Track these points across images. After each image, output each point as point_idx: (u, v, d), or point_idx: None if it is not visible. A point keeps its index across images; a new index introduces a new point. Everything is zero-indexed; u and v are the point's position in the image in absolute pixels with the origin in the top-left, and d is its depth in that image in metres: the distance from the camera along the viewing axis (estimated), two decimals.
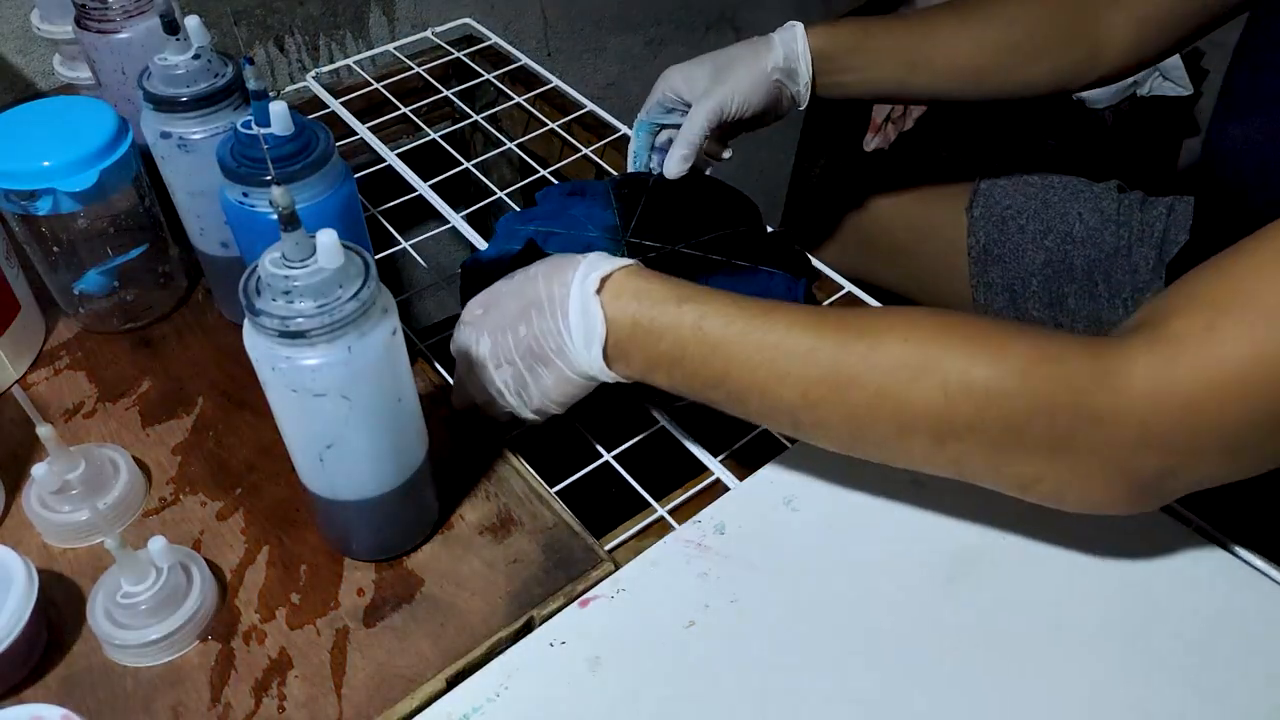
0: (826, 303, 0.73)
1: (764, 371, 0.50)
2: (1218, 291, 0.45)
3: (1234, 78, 0.61)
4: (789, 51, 0.71)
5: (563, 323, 0.53)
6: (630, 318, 0.52)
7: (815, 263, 0.74)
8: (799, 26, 0.72)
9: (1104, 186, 0.88)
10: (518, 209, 0.80)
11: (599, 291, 0.53)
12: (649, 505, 0.60)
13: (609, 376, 0.55)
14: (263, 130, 0.53)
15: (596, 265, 0.54)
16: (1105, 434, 0.45)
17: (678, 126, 0.73)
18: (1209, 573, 0.54)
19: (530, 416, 0.59)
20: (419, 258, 0.77)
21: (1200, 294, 0.45)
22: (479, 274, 0.67)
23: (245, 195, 0.55)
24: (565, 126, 0.92)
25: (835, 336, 0.49)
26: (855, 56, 0.73)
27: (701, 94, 0.71)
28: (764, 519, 0.57)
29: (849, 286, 0.74)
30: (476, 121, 0.92)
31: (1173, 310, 0.45)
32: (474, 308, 0.59)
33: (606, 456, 0.62)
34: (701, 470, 0.62)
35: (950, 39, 0.74)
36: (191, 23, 0.60)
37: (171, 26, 0.59)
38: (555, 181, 0.83)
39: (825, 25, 0.73)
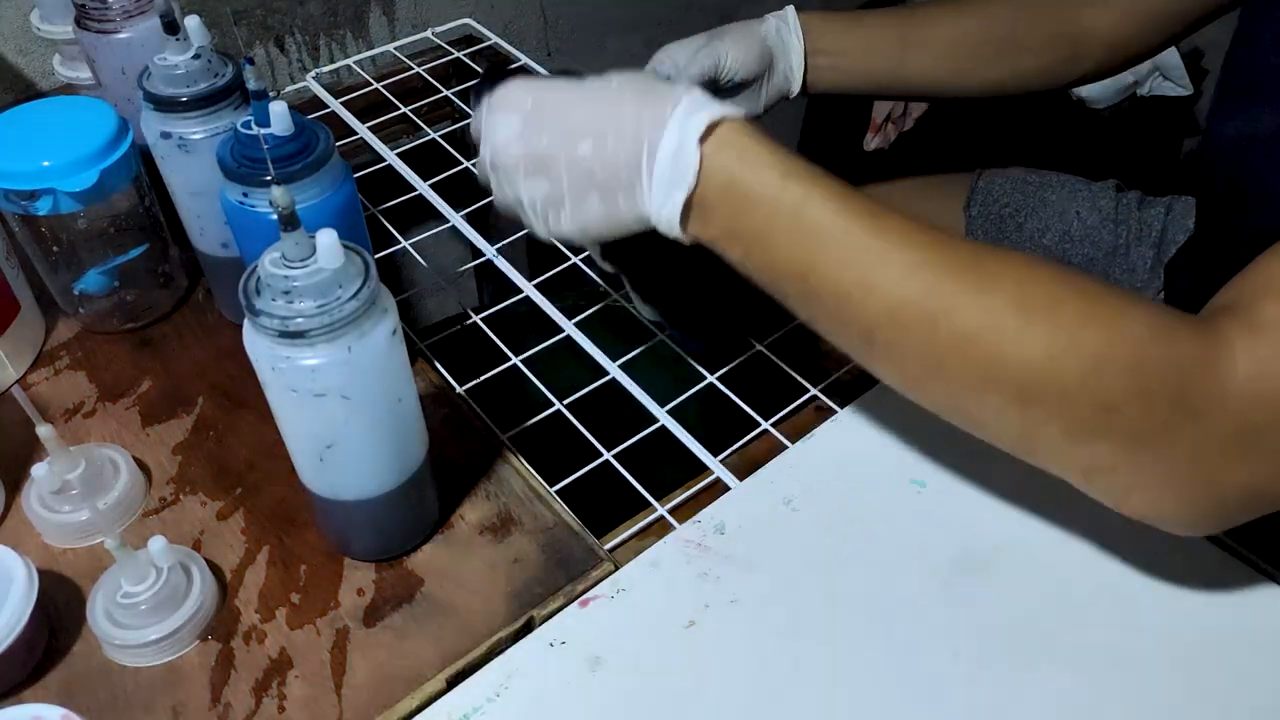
0: None
1: (854, 277, 0.45)
2: None
3: (1229, 72, 0.61)
4: (780, 23, 0.72)
5: (646, 160, 0.47)
6: (727, 177, 0.46)
7: None
8: (790, 5, 0.73)
9: (1102, 185, 0.88)
10: None
11: (702, 140, 0.46)
12: (649, 505, 0.60)
13: (676, 233, 0.49)
14: (263, 130, 0.53)
15: (702, 104, 0.47)
16: (1200, 429, 0.42)
17: None
18: (1215, 581, 0.53)
19: (543, 236, 0.52)
20: (419, 258, 0.77)
21: None
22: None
23: (245, 195, 0.55)
24: None
25: (948, 262, 0.44)
26: (849, 36, 0.73)
27: (695, 50, 0.71)
28: (764, 519, 0.57)
29: None
30: None
31: (1260, 292, 0.43)
32: (521, 93, 0.50)
33: (606, 456, 0.62)
34: (701, 470, 0.62)
35: (945, 27, 0.74)
36: (191, 23, 0.60)
37: (171, 26, 0.59)
38: None
39: (820, 11, 0.73)
